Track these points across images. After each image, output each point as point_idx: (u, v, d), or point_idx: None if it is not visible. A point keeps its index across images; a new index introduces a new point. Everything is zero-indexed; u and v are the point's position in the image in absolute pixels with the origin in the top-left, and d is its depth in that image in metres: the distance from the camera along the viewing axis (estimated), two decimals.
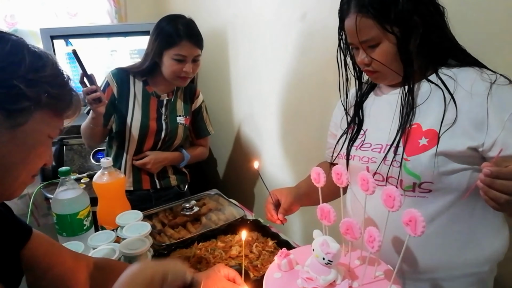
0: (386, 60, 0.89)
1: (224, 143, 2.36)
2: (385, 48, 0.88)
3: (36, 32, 2.10)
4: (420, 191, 0.88)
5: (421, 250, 0.91)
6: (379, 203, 0.73)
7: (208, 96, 2.45)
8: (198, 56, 1.53)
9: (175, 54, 1.47)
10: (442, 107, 0.86)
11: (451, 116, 0.84)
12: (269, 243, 1.18)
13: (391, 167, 0.89)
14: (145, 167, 1.60)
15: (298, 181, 1.77)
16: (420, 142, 0.86)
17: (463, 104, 0.84)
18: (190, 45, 1.48)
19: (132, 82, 1.57)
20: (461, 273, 0.92)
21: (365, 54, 0.90)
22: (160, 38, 1.49)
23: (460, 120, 0.84)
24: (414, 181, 0.87)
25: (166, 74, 1.52)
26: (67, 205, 1.12)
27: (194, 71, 1.54)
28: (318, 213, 0.84)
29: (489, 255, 0.92)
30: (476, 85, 0.84)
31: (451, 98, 0.85)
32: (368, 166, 0.94)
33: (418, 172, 0.86)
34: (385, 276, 0.78)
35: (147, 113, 1.58)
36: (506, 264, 0.96)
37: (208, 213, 1.37)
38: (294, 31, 1.57)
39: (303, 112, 1.66)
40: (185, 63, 1.49)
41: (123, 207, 1.23)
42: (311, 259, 0.77)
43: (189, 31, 1.48)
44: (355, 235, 0.77)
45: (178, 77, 1.52)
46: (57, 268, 0.81)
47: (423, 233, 0.65)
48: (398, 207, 0.70)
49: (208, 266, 1.07)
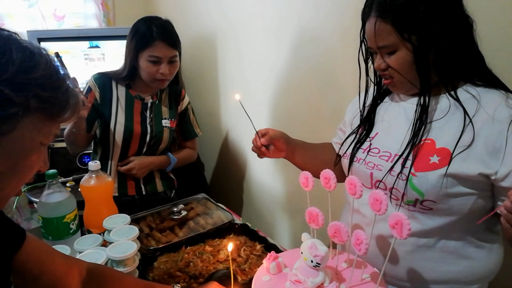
0: (402, 69, 0.87)
1: (212, 149, 2.37)
2: (402, 56, 0.85)
3: (22, 34, 2.08)
4: (420, 207, 0.86)
5: (410, 260, 0.90)
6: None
7: (195, 101, 2.45)
8: (175, 57, 1.51)
9: (149, 56, 1.45)
10: (460, 127, 0.83)
11: (467, 138, 0.81)
12: (257, 247, 1.19)
13: (397, 179, 0.87)
14: (130, 173, 1.58)
15: (288, 186, 1.79)
16: (431, 160, 0.84)
17: (483, 128, 0.81)
18: (164, 45, 1.46)
19: (115, 86, 1.56)
20: (449, 287, 0.91)
21: (382, 59, 0.89)
22: (135, 39, 1.48)
23: (477, 144, 0.80)
24: (417, 197, 0.85)
25: (144, 77, 1.51)
26: (54, 209, 1.11)
27: (171, 73, 1.52)
28: (307, 216, 0.85)
29: (481, 274, 0.91)
30: (500, 110, 0.81)
31: (470, 120, 0.82)
32: (372, 172, 0.93)
33: (423, 190, 0.84)
34: (371, 279, 0.80)
35: (130, 117, 1.56)
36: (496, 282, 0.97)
37: (196, 217, 1.37)
38: (283, 37, 1.60)
39: (291, 117, 1.68)
40: (161, 64, 1.47)
41: (110, 211, 1.22)
42: (299, 262, 0.78)
43: (163, 32, 1.47)
44: (343, 238, 0.78)
45: (155, 80, 1.50)
46: (49, 275, 0.77)
47: (409, 236, 0.67)
48: (384, 210, 0.72)
49: (196, 269, 1.08)
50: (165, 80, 1.52)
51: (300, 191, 1.60)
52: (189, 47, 2.32)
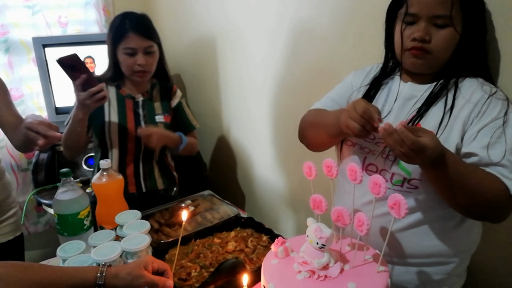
0: (445, 46, 0.89)
1: (214, 147, 2.42)
2: (451, 33, 0.88)
3: (26, 41, 2.14)
4: (407, 186, 0.94)
5: (398, 237, 0.98)
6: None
7: (197, 100, 2.51)
8: (150, 47, 1.52)
9: (124, 48, 1.48)
10: (442, 111, 0.91)
11: (449, 121, 0.90)
12: (263, 238, 1.24)
13: (386, 160, 0.95)
14: (149, 140, 1.52)
15: (290, 181, 1.84)
16: None
17: (461, 111, 0.90)
18: (138, 36, 1.48)
19: (105, 88, 1.53)
20: (435, 261, 0.99)
21: (426, 30, 0.88)
22: (111, 34, 1.51)
23: (455, 126, 0.90)
24: (404, 177, 0.93)
25: (124, 71, 1.53)
26: (68, 206, 1.16)
27: (149, 63, 1.53)
28: (311, 203, 0.90)
29: (463, 248, 1.00)
30: (475, 94, 0.90)
31: (451, 105, 0.91)
32: (366, 156, 0.99)
33: (410, 169, 0.92)
34: (373, 259, 0.85)
35: (124, 116, 1.58)
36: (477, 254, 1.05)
37: (203, 212, 1.42)
38: (283, 36, 1.65)
39: (293, 115, 1.72)
40: (137, 55, 1.49)
41: (121, 207, 1.27)
42: (305, 245, 0.83)
43: (136, 23, 1.50)
44: (346, 221, 0.83)
45: (134, 72, 1.51)
46: None
47: (406, 214, 0.72)
48: (383, 193, 0.77)
49: (206, 259, 1.13)
50: (144, 72, 1.52)
51: (302, 185, 1.67)
52: (190, 47, 2.37)
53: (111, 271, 0.85)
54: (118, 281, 0.85)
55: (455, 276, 1.02)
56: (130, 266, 0.88)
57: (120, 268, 0.87)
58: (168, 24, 2.47)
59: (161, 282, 0.87)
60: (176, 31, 2.47)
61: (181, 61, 2.52)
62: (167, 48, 2.66)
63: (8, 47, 2.10)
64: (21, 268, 0.80)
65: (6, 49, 2.10)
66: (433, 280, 1.00)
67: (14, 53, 2.12)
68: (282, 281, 0.80)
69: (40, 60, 1.98)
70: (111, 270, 0.86)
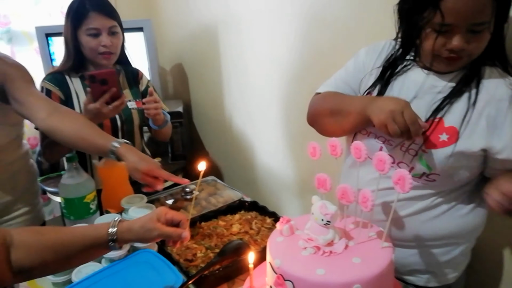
0: (481, 48, 0.86)
1: (216, 136, 2.43)
2: (486, 35, 0.84)
3: (28, 32, 2.15)
4: (425, 179, 0.94)
5: (410, 222, 0.99)
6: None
7: (198, 91, 2.52)
8: (114, 27, 1.45)
9: (87, 29, 1.41)
10: (466, 107, 0.89)
11: (472, 117, 0.88)
12: (267, 220, 1.25)
13: (406, 153, 0.93)
14: (151, 107, 1.46)
15: (292, 167, 1.85)
16: (440, 138, 0.90)
17: (485, 107, 0.88)
18: (100, 16, 1.42)
19: (70, 81, 1.49)
20: (445, 242, 1.01)
21: (463, 39, 0.83)
22: (70, 18, 1.44)
23: (480, 122, 0.88)
24: (424, 171, 0.93)
25: (88, 55, 1.45)
26: (74, 189, 1.18)
27: (114, 45, 1.46)
28: (316, 182, 0.91)
29: (470, 230, 1.02)
30: (499, 90, 0.88)
31: (474, 99, 0.89)
32: (382, 146, 0.97)
33: (431, 165, 0.91)
34: (377, 236, 0.86)
35: None
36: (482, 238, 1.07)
37: (207, 197, 1.43)
38: (287, 23, 1.65)
39: (297, 104, 1.73)
40: (100, 36, 1.42)
41: (126, 192, 1.28)
42: (310, 223, 0.84)
43: (96, 3, 1.42)
44: (350, 198, 0.84)
45: (99, 54, 1.44)
46: None
47: (410, 189, 0.73)
48: (388, 169, 0.78)
49: (211, 241, 1.14)
50: (110, 53, 1.46)
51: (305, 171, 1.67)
52: (191, 36, 2.38)
53: (123, 226, 0.83)
54: (132, 236, 0.84)
55: (461, 256, 1.04)
56: (143, 220, 0.86)
57: (132, 222, 0.86)
58: (169, 12, 2.47)
59: (176, 234, 0.85)
60: (177, 20, 2.47)
61: (182, 50, 2.52)
62: (168, 36, 2.67)
63: (10, 38, 2.11)
64: (34, 232, 0.80)
65: (9, 39, 2.11)
66: (441, 261, 1.02)
67: (17, 43, 2.14)
68: (288, 257, 0.81)
69: (43, 50, 1.99)
70: (124, 225, 0.84)
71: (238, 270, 1.05)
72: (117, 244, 0.83)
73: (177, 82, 2.68)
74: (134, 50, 1.71)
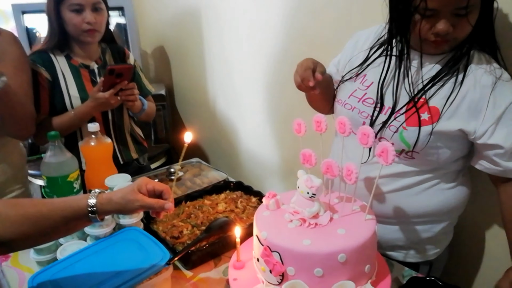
0: (467, 31, 0.87)
1: (200, 119, 2.42)
2: (472, 17, 0.85)
3: (4, 10, 2.07)
4: (404, 156, 0.97)
5: (393, 198, 1.02)
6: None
7: (181, 74, 2.49)
8: (98, 3, 1.41)
9: (70, 5, 1.37)
10: (450, 88, 0.91)
11: (455, 99, 0.90)
12: (252, 199, 1.27)
13: (387, 129, 0.96)
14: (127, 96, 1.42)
15: (276, 150, 1.87)
16: (422, 116, 0.92)
17: (469, 91, 0.90)
18: None
19: (55, 60, 1.45)
20: (428, 220, 1.04)
21: (448, 23, 0.85)
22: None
23: (462, 105, 0.90)
24: (403, 148, 0.95)
25: (71, 31, 1.41)
26: (57, 168, 1.16)
27: (99, 21, 1.42)
28: (301, 158, 0.93)
29: (452, 207, 1.04)
30: (485, 76, 0.90)
31: (461, 80, 0.91)
32: (365, 121, 1.00)
33: (411, 142, 0.93)
34: (361, 209, 0.89)
35: (82, 87, 1.47)
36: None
37: (192, 178, 1.44)
38: (270, 6, 1.64)
39: (283, 88, 1.74)
40: (84, 12, 1.38)
41: (110, 171, 1.27)
42: (296, 196, 0.86)
43: None
44: (334, 173, 0.86)
45: (83, 31, 1.40)
46: None
47: (393, 161, 0.76)
48: (371, 143, 0.80)
49: (197, 219, 1.15)
50: (94, 30, 1.42)
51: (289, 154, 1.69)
52: (174, 18, 2.35)
53: (103, 197, 0.82)
54: (112, 207, 0.82)
55: (443, 233, 1.08)
56: (123, 191, 0.84)
57: (112, 194, 0.84)
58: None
59: (158, 205, 0.83)
60: (158, 3, 2.43)
61: (164, 32, 2.49)
62: (150, 19, 2.63)
63: None
64: (12, 204, 0.78)
65: None
66: (423, 238, 1.05)
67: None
68: (275, 229, 0.82)
69: (20, 28, 1.93)
70: (103, 196, 0.82)
71: (224, 246, 1.07)
72: (98, 216, 0.81)
73: (158, 65, 2.65)
74: (114, 32, 1.69)
